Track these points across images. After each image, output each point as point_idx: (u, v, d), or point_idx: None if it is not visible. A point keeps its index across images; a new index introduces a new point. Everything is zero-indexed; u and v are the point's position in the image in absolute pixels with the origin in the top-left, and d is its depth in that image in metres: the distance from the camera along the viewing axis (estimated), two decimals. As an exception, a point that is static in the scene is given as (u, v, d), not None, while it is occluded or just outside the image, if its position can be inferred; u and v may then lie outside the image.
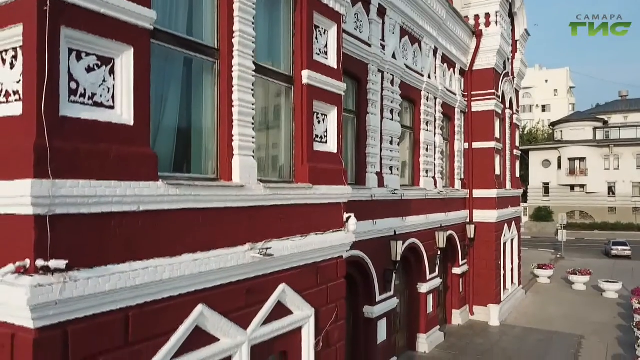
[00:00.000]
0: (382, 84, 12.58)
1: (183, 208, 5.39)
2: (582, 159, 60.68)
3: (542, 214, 61.09)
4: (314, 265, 7.75)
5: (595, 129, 62.49)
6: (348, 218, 8.58)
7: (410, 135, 14.97)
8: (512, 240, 22.01)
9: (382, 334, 12.57)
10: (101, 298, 4.49)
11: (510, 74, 21.93)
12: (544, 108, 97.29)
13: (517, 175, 24.06)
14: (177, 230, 5.35)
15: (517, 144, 24.18)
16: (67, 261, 4.16)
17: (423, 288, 15.03)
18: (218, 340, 5.94)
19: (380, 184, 12.38)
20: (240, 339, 6.19)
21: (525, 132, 70.01)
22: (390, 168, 12.96)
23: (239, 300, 6.23)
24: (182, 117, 6.13)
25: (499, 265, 19.56)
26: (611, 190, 59.97)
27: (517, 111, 23.93)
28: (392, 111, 13.01)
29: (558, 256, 37.10)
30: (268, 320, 6.75)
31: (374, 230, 11.84)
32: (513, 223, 21.96)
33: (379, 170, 12.37)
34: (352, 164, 11.54)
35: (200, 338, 5.71)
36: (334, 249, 8.19)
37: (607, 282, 24.33)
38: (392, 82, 13.01)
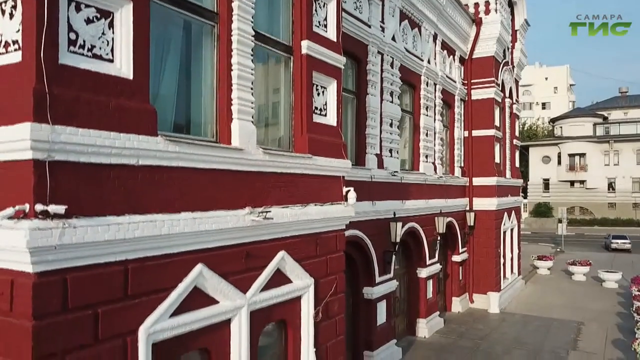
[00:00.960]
0: (381, 66, 12.58)
1: (182, 166, 5.40)
2: (582, 155, 60.67)
3: (542, 210, 61.09)
4: (313, 235, 7.76)
5: (595, 124, 62.49)
6: (347, 192, 8.59)
7: (410, 120, 14.97)
8: (511, 230, 22.02)
9: (381, 316, 12.58)
10: (100, 248, 4.50)
11: (510, 64, 21.93)
12: (544, 105, 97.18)
13: (517, 165, 24.06)
14: (177, 188, 5.36)
15: (517, 133, 24.18)
16: (66, 206, 4.17)
17: (423, 273, 15.04)
18: (217, 302, 5.95)
19: (380, 165, 12.39)
20: (240, 302, 6.20)
21: (525, 128, 70.00)
22: (390, 150, 12.97)
23: (238, 263, 6.24)
24: (182, 81, 6.14)
25: (499, 253, 19.57)
26: (611, 186, 59.97)
27: (517, 101, 23.93)
28: (392, 94, 13.01)
29: (558, 250, 37.07)
30: (267, 287, 6.76)
31: (373, 210, 11.84)
32: (513, 212, 21.96)
33: (378, 152, 12.37)
34: (351, 144, 11.54)
35: (199, 298, 5.72)
36: (334, 221, 8.20)
37: (607, 272, 24.34)
38: (391, 65, 13.02)
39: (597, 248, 39.39)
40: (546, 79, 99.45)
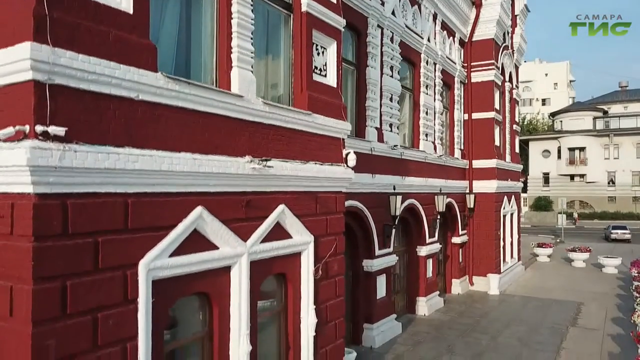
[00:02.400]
0: (381, 40, 12.57)
1: (182, 107, 5.43)
2: (582, 149, 60.65)
3: (542, 204, 61.05)
4: (313, 194, 7.78)
5: (595, 118, 62.44)
6: (347, 154, 8.60)
7: (410, 97, 14.97)
8: (511, 215, 22.01)
9: (381, 290, 12.58)
10: (101, 176, 4.51)
11: (509, 48, 21.92)
12: (544, 101, 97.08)
13: (517, 150, 24.06)
14: (177, 127, 5.37)
15: (517, 119, 24.18)
16: (66, 128, 4.18)
17: (422, 251, 15.04)
18: (217, 248, 5.97)
19: (380, 139, 12.39)
20: (240, 249, 6.21)
21: (525, 123, 69.97)
22: (390, 125, 12.96)
23: (238, 211, 6.26)
24: (182, 28, 6.14)
25: (499, 235, 19.57)
26: (611, 180, 59.94)
27: (517, 86, 23.92)
28: (391, 68, 13.01)
29: (558, 241, 37.06)
30: (268, 239, 6.78)
31: (373, 183, 11.85)
32: (513, 197, 21.95)
33: (378, 126, 12.37)
34: (351, 116, 11.53)
35: (199, 242, 5.73)
36: (334, 181, 8.21)
37: (607, 257, 24.34)
38: (391, 39, 13.02)
39: (597, 239, 39.34)
40: (546, 75, 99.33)
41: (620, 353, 11.58)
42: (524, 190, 58.43)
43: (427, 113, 15.44)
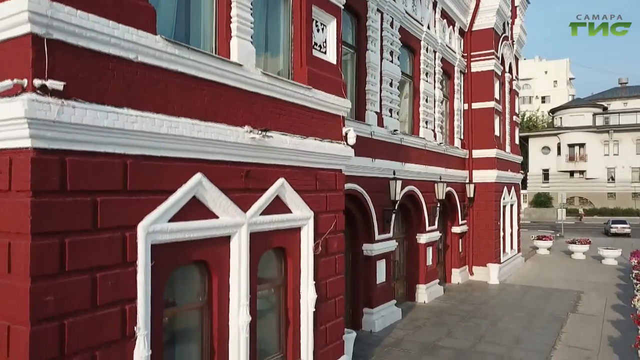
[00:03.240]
0: (381, 24, 12.54)
1: (182, 72, 5.40)
2: (582, 145, 60.56)
3: (542, 200, 61.01)
4: (313, 170, 7.76)
5: (594, 115, 62.37)
6: (347, 132, 8.58)
7: (410, 85, 14.94)
8: (511, 206, 21.99)
9: (381, 275, 12.56)
10: (99, 134, 4.49)
11: (509, 39, 21.89)
12: (543, 99, 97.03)
13: (517, 142, 24.03)
14: (176, 92, 5.35)
15: (517, 111, 24.15)
16: (64, 83, 4.16)
17: (422, 239, 15.01)
18: (217, 217, 5.94)
19: (380, 124, 12.36)
20: (240, 219, 6.19)
21: (525, 120, 69.93)
22: (390, 110, 12.94)
23: (238, 181, 6.24)
24: (181, -3, 6.11)
25: (499, 225, 19.55)
26: (611, 176, 59.90)
27: (517, 77, 23.90)
28: (391, 53, 12.98)
29: (558, 235, 37.06)
30: (268, 212, 6.76)
31: (373, 167, 11.82)
32: (513, 188, 21.93)
33: (378, 111, 12.34)
34: (351, 99, 11.48)
35: (199, 210, 5.71)
36: (333, 158, 8.19)
37: (607, 249, 24.34)
38: (391, 24, 12.98)
39: (597, 234, 39.33)
40: (546, 72, 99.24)
41: (620, 337, 11.57)
42: (524, 186, 58.42)
43: (427, 100, 15.42)
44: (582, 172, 61.01)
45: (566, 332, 12.05)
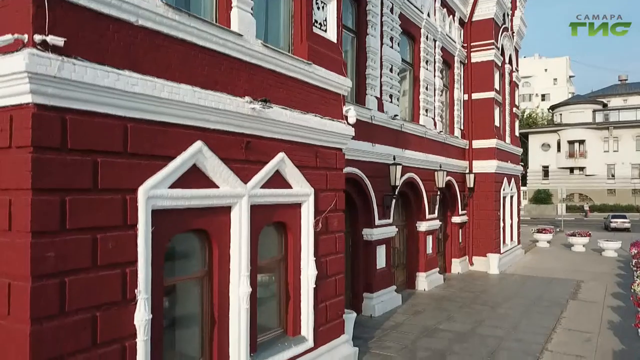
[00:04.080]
0: (381, 10, 12.52)
1: (182, 38, 5.41)
2: (582, 142, 60.55)
3: (542, 197, 60.99)
4: (313, 147, 7.76)
5: (594, 111, 62.32)
6: (348, 110, 8.58)
7: (410, 72, 14.94)
8: (511, 197, 21.99)
9: (381, 261, 12.55)
10: (100, 94, 4.49)
11: (509, 30, 21.88)
12: (543, 97, 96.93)
13: (517, 134, 24.03)
14: (177, 59, 5.36)
15: (517, 102, 24.14)
16: (65, 39, 4.16)
17: (422, 227, 15.01)
18: (217, 187, 5.94)
19: (380, 109, 12.36)
20: (240, 190, 6.19)
21: (525, 116, 69.89)
22: (390, 96, 12.93)
23: (238, 152, 6.24)
24: (181, -33, 6.10)
25: (499, 216, 19.55)
26: (610, 173, 59.88)
27: (517, 69, 23.89)
28: (391, 39, 12.97)
29: (558, 230, 37.07)
30: (268, 185, 6.77)
31: (373, 152, 11.82)
32: (513, 180, 21.93)
33: (378, 96, 12.34)
34: (352, 83, 11.45)
35: (199, 178, 5.71)
36: (334, 136, 8.18)
37: (607, 241, 24.34)
38: (391, 10, 12.97)
39: (597, 229, 39.31)
40: (546, 70, 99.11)
41: (621, 321, 11.58)
42: (524, 183, 58.41)
43: (427, 88, 15.41)
44: (582, 168, 61.00)
45: (566, 317, 12.06)
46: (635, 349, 9.49)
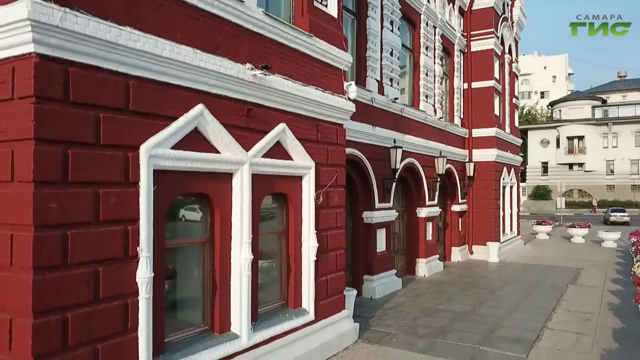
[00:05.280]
0: (381, -7, 12.55)
1: (184, 0, 5.39)
2: (581, 138, 60.59)
3: (541, 193, 61.03)
4: (314, 120, 7.76)
5: (594, 107, 62.37)
6: (348, 85, 8.58)
7: (410, 58, 14.95)
8: (511, 187, 22.00)
9: (381, 244, 12.56)
10: (102, 48, 4.49)
11: (509, 20, 21.90)
12: (542, 94, 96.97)
13: (516, 124, 24.04)
14: (179, 20, 5.36)
15: (516, 94, 24.16)
16: (67, -12, 4.15)
17: (422, 213, 15.02)
18: (219, 152, 5.94)
19: (381, 92, 12.36)
20: (241, 157, 6.19)
21: (524, 113, 69.94)
22: (391, 80, 12.93)
23: (239, 119, 6.24)
24: None
25: (498, 205, 19.57)
26: (610, 168, 59.94)
27: (516, 60, 23.90)
28: (391, 23, 12.97)
29: (557, 224, 37.12)
30: (269, 155, 6.77)
31: (373, 134, 11.82)
32: (512, 170, 21.95)
33: (379, 79, 12.34)
34: (352, 64, 11.40)
35: (201, 143, 5.72)
36: (335, 111, 8.18)
37: (606, 232, 24.39)
38: (391, -6, 12.99)
39: (596, 223, 39.38)
40: (545, 68, 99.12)
41: (620, 304, 11.60)
42: (523, 179, 58.39)
43: (427, 74, 15.42)
44: (581, 164, 61.02)
45: (566, 300, 12.09)
46: (635, 328, 9.51)
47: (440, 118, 16.13)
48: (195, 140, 5.61)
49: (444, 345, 8.40)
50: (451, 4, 17.90)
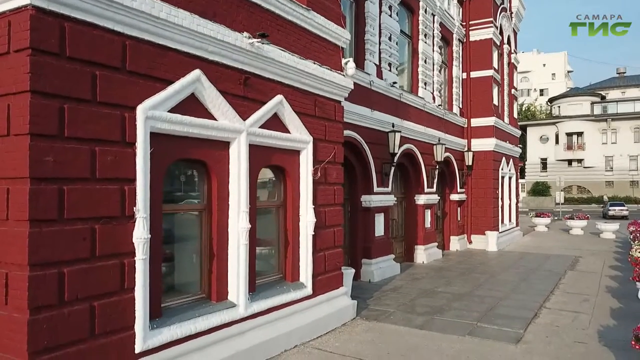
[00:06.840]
0: (379, -22, 12.54)
1: (180, -36, 5.38)
2: (580, 134, 60.67)
3: (540, 189, 61.03)
4: (312, 95, 7.76)
5: (592, 103, 62.41)
6: (346, 62, 8.58)
7: (408, 44, 14.94)
8: (510, 178, 22.01)
9: (379, 228, 12.55)
10: (97, 5, 4.49)
11: (508, 10, 21.90)
12: (541, 92, 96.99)
13: (515, 116, 24.05)
14: (175, -17, 5.33)
15: (515, 85, 24.17)
16: (63, -58, 4.13)
17: (420, 200, 15.01)
18: (216, 119, 5.93)
19: (379, 76, 12.35)
20: (239, 126, 6.19)
21: (523, 109, 69.94)
22: (389, 65, 12.93)
23: (236, 87, 6.23)
24: None
25: (497, 194, 19.57)
26: (609, 164, 59.99)
27: (515, 51, 23.91)
28: (390, 7, 12.96)
29: (556, 219, 37.14)
30: (266, 126, 6.76)
31: (372, 118, 11.82)
32: (511, 160, 21.97)
33: (377, 63, 12.34)
34: (351, 47, 11.47)
35: (198, 109, 5.71)
36: (333, 87, 8.18)
37: (605, 223, 24.41)
38: (389, -22, 12.99)
39: (595, 217, 39.43)
40: (544, 65, 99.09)
41: (618, 287, 11.60)
42: (522, 176, 58.41)
43: (425, 62, 15.41)
44: (580, 160, 61.09)
45: (565, 283, 12.10)
46: (633, 308, 9.51)
47: (439, 106, 16.12)
48: (192, 105, 5.61)
49: (441, 322, 8.41)
50: (450, -7, 17.88)
